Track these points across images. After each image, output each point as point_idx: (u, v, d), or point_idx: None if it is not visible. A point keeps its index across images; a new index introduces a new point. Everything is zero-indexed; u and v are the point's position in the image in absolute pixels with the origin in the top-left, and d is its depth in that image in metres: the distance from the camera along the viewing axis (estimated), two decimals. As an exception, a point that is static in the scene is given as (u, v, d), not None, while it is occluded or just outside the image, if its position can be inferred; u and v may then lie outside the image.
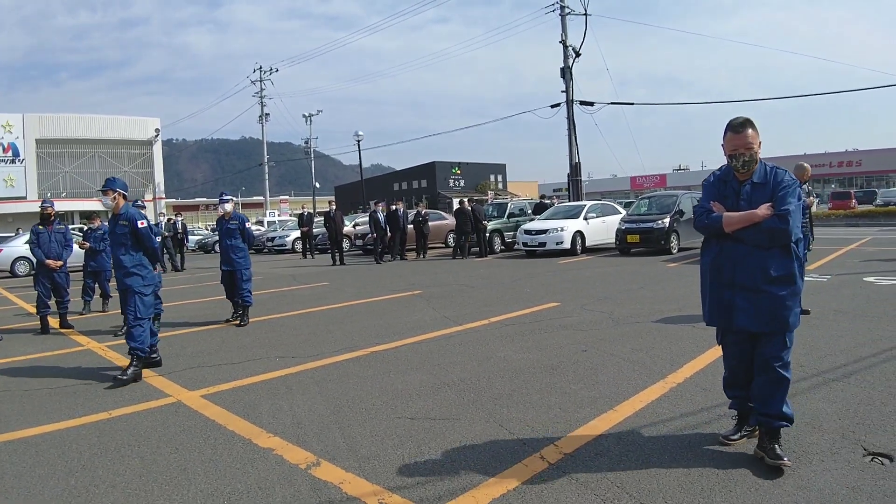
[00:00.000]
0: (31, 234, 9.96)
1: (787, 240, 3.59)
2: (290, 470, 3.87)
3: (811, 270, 12.31)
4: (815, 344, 6.41)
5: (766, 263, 3.62)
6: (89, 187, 60.09)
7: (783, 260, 3.63)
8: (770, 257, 3.62)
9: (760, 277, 3.62)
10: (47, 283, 9.76)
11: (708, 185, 3.97)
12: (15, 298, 14.77)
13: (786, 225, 3.55)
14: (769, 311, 3.62)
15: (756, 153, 3.67)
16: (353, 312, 10.13)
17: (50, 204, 10.25)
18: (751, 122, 3.68)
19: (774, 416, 3.68)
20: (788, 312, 3.64)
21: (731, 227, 3.67)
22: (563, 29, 28.74)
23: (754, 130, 3.66)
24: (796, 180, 3.70)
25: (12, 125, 55.97)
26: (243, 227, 9.81)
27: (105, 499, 3.57)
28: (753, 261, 3.65)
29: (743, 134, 3.64)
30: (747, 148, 3.64)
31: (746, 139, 3.63)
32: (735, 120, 3.71)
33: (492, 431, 4.38)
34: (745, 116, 3.70)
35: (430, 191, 60.44)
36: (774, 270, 3.61)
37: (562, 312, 9.08)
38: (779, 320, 3.63)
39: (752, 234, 3.63)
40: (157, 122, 64.80)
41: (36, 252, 9.75)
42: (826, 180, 61.63)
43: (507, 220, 22.95)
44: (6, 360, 7.56)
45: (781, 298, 3.61)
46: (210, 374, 6.41)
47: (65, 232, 10.08)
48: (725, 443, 3.93)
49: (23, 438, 4.68)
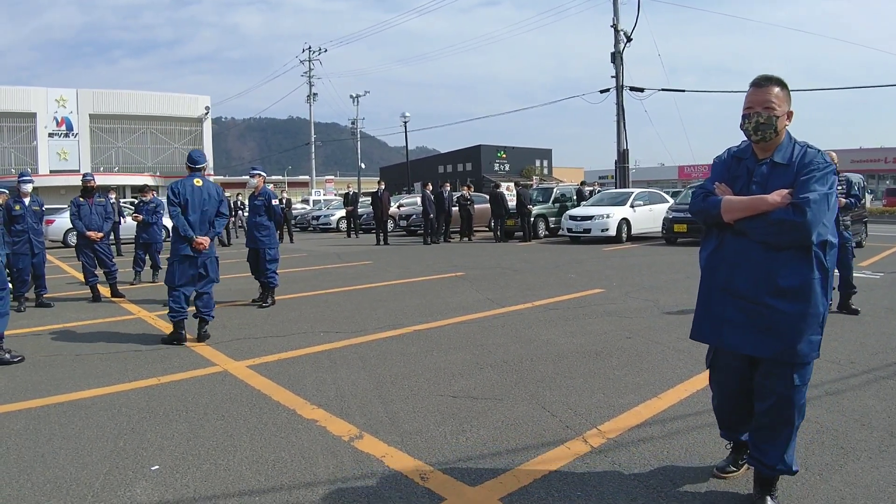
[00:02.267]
0: (71, 205, 10.10)
1: (804, 239, 2.72)
2: (334, 441, 3.91)
3: (864, 267, 11.97)
4: (866, 341, 6.26)
5: (774, 268, 2.81)
6: (141, 162, 61.55)
7: (798, 266, 2.78)
8: (780, 260, 2.80)
9: (764, 286, 2.83)
10: (90, 254, 9.98)
11: (718, 162, 3.14)
12: (67, 268, 15.20)
13: (802, 217, 2.68)
14: (772, 332, 2.83)
15: (776, 118, 2.84)
16: (397, 291, 10.17)
17: (91, 177, 10.45)
18: (779, 81, 2.91)
19: (769, 466, 2.96)
20: (798, 337, 2.80)
21: (732, 214, 2.87)
22: (614, 12, 28.23)
23: (783, 90, 2.88)
24: (831, 164, 2.83)
25: (66, 100, 57.53)
26: (269, 204, 9.17)
27: (153, 461, 3.65)
28: (757, 263, 2.85)
29: (765, 89, 2.87)
30: (766, 107, 2.83)
31: (767, 95, 2.85)
32: (760, 76, 2.95)
33: (535, 413, 4.35)
34: (776, 76, 2.94)
35: (474, 174, 60.26)
36: (784, 279, 2.79)
37: (606, 299, 8.98)
38: (784, 346, 2.82)
39: (759, 226, 2.80)
40: (208, 100, 65.90)
41: (77, 224, 9.95)
42: (881, 176, 59.65)
43: (551, 206, 22.77)
44: (59, 326, 7.80)
45: (789, 317, 2.79)
46: (256, 346, 6.51)
47: (105, 204, 10.25)
48: (720, 476, 3.29)
49: (73, 401, 4.81)
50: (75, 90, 58.67)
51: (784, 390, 2.87)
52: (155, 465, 3.60)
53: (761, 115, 2.84)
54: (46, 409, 4.61)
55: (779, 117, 2.85)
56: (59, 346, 6.72)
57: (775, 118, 2.84)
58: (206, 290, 6.89)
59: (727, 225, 2.92)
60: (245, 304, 9.15)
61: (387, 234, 21.37)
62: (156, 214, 12.33)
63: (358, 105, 53.24)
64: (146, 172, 59.13)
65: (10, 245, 8.79)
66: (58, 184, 52.39)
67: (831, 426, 3.96)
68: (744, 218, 2.85)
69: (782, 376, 2.87)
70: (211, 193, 6.95)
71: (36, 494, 3.25)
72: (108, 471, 3.52)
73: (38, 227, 9.48)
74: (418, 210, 26.24)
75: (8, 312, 6.14)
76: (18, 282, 8.94)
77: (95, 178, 10.79)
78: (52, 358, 6.17)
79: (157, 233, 12.34)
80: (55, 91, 58.06)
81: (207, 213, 6.88)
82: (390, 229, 23.77)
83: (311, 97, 54.01)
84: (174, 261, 6.80)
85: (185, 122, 64.32)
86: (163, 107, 62.55)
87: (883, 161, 59.40)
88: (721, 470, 3.30)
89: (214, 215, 6.95)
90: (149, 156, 63.17)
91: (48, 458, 3.72)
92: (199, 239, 6.69)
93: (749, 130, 2.90)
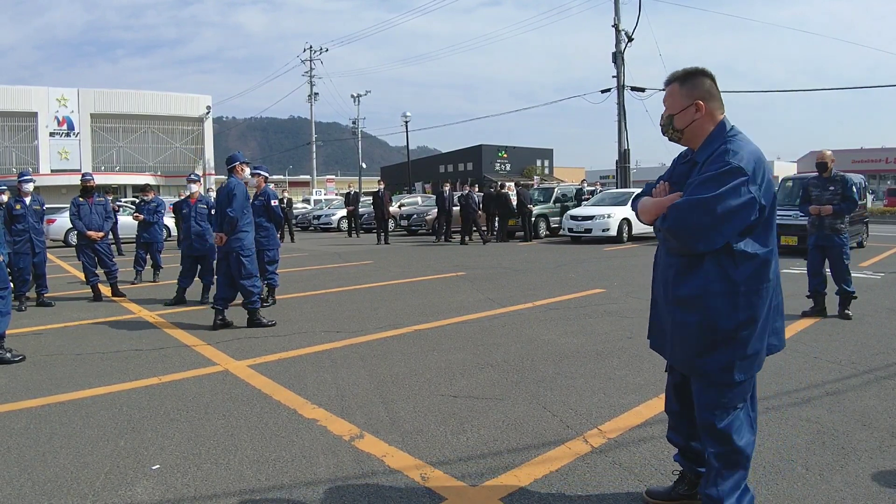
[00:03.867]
0: (71, 205, 10.06)
1: (681, 246, 2.57)
2: (334, 441, 3.91)
3: (864, 267, 11.98)
4: (866, 341, 6.26)
5: (671, 275, 2.67)
6: (142, 162, 61.56)
7: (691, 274, 2.58)
8: (676, 267, 2.64)
9: (666, 292, 2.71)
10: (90, 253, 9.95)
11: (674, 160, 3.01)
12: (68, 267, 15.20)
13: (665, 223, 2.58)
14: (676, 341, 2.68)
15: (672, 117, 2.72)
16: (397, 291, 10.17)
17: (90, 177, 10.43)
18: (683, 75, 2.71)
19: (706, 498, 2.69)
20: (696, 350, 2.59)
21: (645, 216, 2.77)
22: (615, 12, 28.18)
23: (682, 85, 2.70)
24: (735, 166, 2.45)
25: (67, 99, 57.55)
26: (268, 205, 9.03)
27: (154, 460, 3.65)
28: (663, 268, 2.74)
29: (667, 89, 2.76)
30: (665, 108, 2.75)
31: (666, 96, 2.75)
32: (670, 73, 2.78)
33: (535, 413, 4.35)
34: (686, 69, 2.73)
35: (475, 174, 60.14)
36: (678, 287, 2.63)
37: (607, 299, 8.98)
38: (684, 356, 2.66)
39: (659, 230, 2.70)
40: (209, 100, 65.89)
41: (77, 224, 9.92)
42: (882, 176, 59.58)
43: (552, 206, 22.75)
44: (60, 325, 7.80)
45: (685, 328, 2.61)
46: (256, 345, 6.51)
47: (105, 204, 10.23)
48: (646, 500, 3.05)
49: (74, 400, 4.82)
50: (76, 89, 58.68)
51: (705, 407, 2.65)
52: (156, 464, 3.60)
53: (662, 116, 2.76)
54: (47, 409, 4.62)
55: (674, 115, 2.71)
56: (60, 345, 6.73)
57: (670, 118, 2.72)
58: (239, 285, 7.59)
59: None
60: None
61: (387, 233, 21.40)
62: (156, 214, 12.33)
63: (359, 105, 53.20)
64: (147, 172, 59.13)
65: (11, 244, 8.79)
66: (59, 183, 52.38)
67: (831, 426, 3.97)
68: (654, 220, 2.71)
69: (698, 392, 2.68)
70: (222, 194, 7.68)
71: (37, 494, 3.25)
72: (109, 470, 3.52)
73: (39, 226, 9.49)
74: (419, 210, 26.29)
75: (9, 312, 6.15)
76: (19, 281, 8.95)
77: (95, 178, 10.78)
78: (52, 357, 6.17)
79: (158, 232, 12.33)
80: (56, 90, 58.06)
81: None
82: (391, 229, 23.78)
83: (312, 97, 53.96)
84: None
85: (186, 122, 64.27)
86: (164, 106, 62.52)
87: (884, 161, 59.35)
88: (652, 495, 3.07)
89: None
90: (150, 155, 63.15)
91: (49, 457, 3.72)
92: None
93: (662, 132, 2.81)
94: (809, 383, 4.88)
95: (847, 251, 7.50)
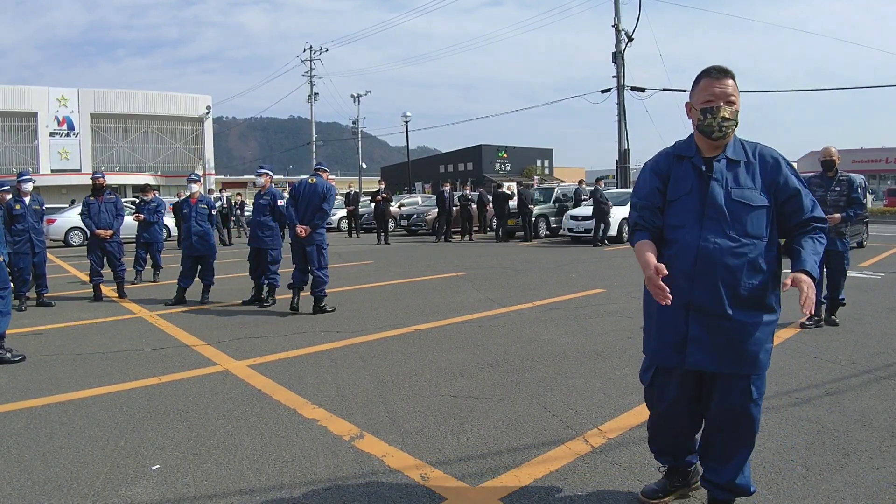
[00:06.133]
0: (82, 205, 10.15)
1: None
2: (334, 441, 3.91)
3: (864, 267, 11.98)
4: (866, 341, 6.26)
5: (743, 267, 2.68)
6: (142, 162, 61.58)
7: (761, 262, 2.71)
8: (749, 257, 2.68)
9: (729, 289, 2.68)
10: (100, 253, 9.97)
11: (654, 166, 2.90)
12: (68, 267, 15.21)
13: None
14: (739, 341, 2.70)
15: (738, 112, 2.70)
16: (397, 291, 10.17)
17: (101, 175, 10.45)
18: (732, 72, 2.72)
19: (726, 488, 2.82)
20: (760, 348, 2.72)
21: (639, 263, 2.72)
22: (615, 12, 28.19)
23: (735, 81, 2.72)
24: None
25: (67, 99, 57.63)
26: (274, 204, 9.11)
27: (154, 460, 3.65)
28: (720, 263, 2.68)
29: (725, 82, 2.68)
30: (728, 101, 2.66)
31: (728, 89, 2.68)
32: (716, 66, 2.73)
33: (535, 413, 4.35)
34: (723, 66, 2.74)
35: (475, 174, 60.16)
36: (752, 278, 2.68)
37: (608, 298, 8.98)
38: (748, 358, 2.70)
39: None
40: (209, 100, 65.94)
41: (87, 222, 9.97)
42: (882, 176, 59.57)
43: (552, 205, 22.74)
44: (60, 325, 7.80)
45: (760, 324, 2.70)
46: (256, 345, 6.51)
47: (115, 202, 10.25)
48: (645, 501, 3.04)
49: (74, 400, 4.82)
50: (76, 89, 58.74)
51: (744, 409, 2.74)
52: (156, 464, 3.60)
53: (725, 109, 2.64)
54: (47, 409, 4.62)
55: (738, 111, 2.69)
56: (60, 345, 6.73)
57: (737, 112, 2.68)
58: (312, 273, 8.31)
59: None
60: (246, 303, 9.15)
61: (388, 233, 21.41)
62: (157, 214, 12.33)
63: (359, 105, 53.20)
64: (147, 172, 59.17)
65: (11, 244, 8.79)
66: (59, 183, 52.41)
67: (832, 426, 3.97)
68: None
69: (741, 390, 2.73)
70: (316, 191, 8.38)
71: (37, 493, 3.25)
72: (109, 470, 3.52)
73: (39, 226, 9.48)
74: (419, 210, 26.28)
75: (9, 312, 6.14)
76: (19, 281, 8.94)
77: (105, 176, 10.78)
78: (52, 357, 6.17)
79: (158, 232, 12.33)
80: (56, 90, 58.13)
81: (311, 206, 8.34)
82: (391, 229, 23.80)
83: (312, 97, 53.90)
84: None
85: (186, 122, 64.32)
86: (164, 106, 62.56)
87: (884, 161, 59.33)
88: (648, 494, 3.05)
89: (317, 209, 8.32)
90: (150, 155, 63.19)
91: (49, 457, 3.72)
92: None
93: (713, 127, 2.66)
94: (809, 383, 4.88)
95: (848, 256, 7.12)
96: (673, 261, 2.69)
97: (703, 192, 2.69)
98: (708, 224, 2.66)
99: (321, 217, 8.31)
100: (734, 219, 2.64)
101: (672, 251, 2.74)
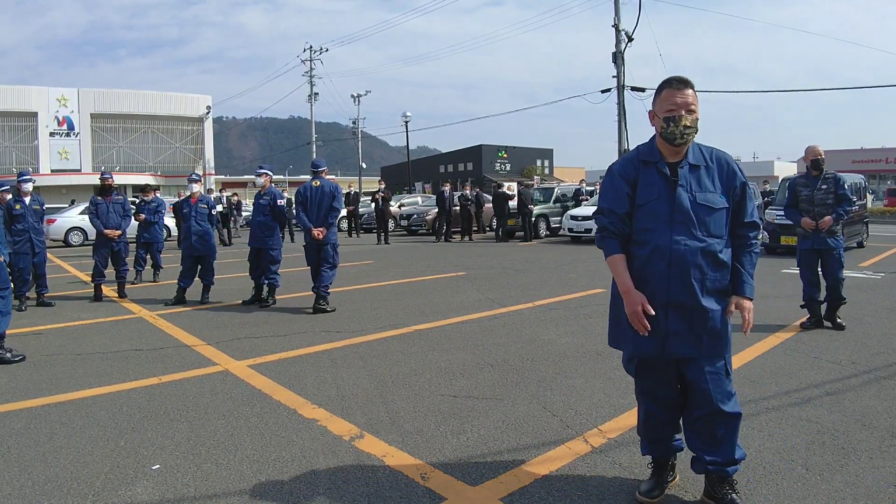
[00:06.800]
0: (90, 204, 10.15)
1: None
2: (334, 441, 3.91)
3: (864, 267, 11.98)
4: (866, 341, 6.25)
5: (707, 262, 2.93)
6: (142, 162, 61.55)
7: (723, 255, 2.99)
8: (715, 252, 2.92)
9: (699, 283, 2.90)
10: (105, 253, 9.97)
11: (620, 170, 3.03)
12: (69, 267, 15.21)
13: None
14: (712, 326, 2.95)
15: (697, 120, 2.85)
16: (397, 291, 10.18)
17: (109, 175, 10.46)
18: (691, 82, 2.89)
19: (727, 463, 2.97)
20: (726, 331, 3.02)
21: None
22: (616, 12, 28.16)
23: (695, 92, 2.88)
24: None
25: (67, 99, 57.56)
26: (274, 204, 9.13)
27: (154, 460, 3.65)
28: (690, 260, 2.90)
29: (685, 91, 2.84)
30: (689, 110, 2.82)
31: (689, 98, 2.83)
32: (676, 77, 2.89)
33: (535, 413, 4.36)
34: (683, 76, 2.90)
35: (475, 174, 60.08)
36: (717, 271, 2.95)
37: (607, 298, 8.95)
38: (720, 343, 2.97)
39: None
40: (209, 100, 65.85)
41: (95, 222, 9.98)
42: (882, 176, 59.58)
43: (552, 205, 22.75)
44: (60, 325, 7.80)
45: (721, 312, 2.98)
46: (256, 346, 6.51)
47: (123, 202, 10.27)
48: (644, 501, 3.08)
49: (74, 400, 4.82)
50: (76, 89, 58.66)
51: (721, 386, 2.96)
52: (156, 464, 3.60)
53: (686, 118, 2.81)
54: (47, 409, 4.62)
55: (698, 119, 2.86)
56: (60, 345, 6.73)
57: (697, 120, 2.85)
58: (323, 271, 8.49)
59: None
60: (246, 303, 9.15)
61: (388, 233, 21.43)
62: (157, 214, 12.34)
63: (359, 105, 53.17)
64: (147, 172, 59.08)
65: (11, 244, 8.78)
66: (59, 183, 52.34)
67: (831, 426, 3.97)
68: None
69: (713, 374, 2.96)
70: (324, 192, 8.51)
71: (37, 493, 3.25)
72: (109, 470, 3.52)
73: (39, 226, 9.48)
74: (419, 210, 26.29)
75: (10, 312, 6.15)
76: (19, 281, 8.94)
77: (97, 178, 10.79)
78: (52, 357, 6.17)
79: (159, 232, 12.35)
80: (56, 90, 58.05)
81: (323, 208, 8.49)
82: (391, 229, 23.81)
83: (312, 97, 53.85)
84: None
85: (186, 122, 64.22)
86: (164, 106, 62.48)
87: (884, 161, 59.33)
88: (646, 494, 3.09)
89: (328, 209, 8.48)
90: (150, 155, 63.11)
91: (49, 456, 3.72)
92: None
93: (676, 134, 2.82)
94: (809, 383, 4.88)
95: (842, 253, 6.98)
96: (647, 262, 2.91)
97: (671, 198, 2.88)
98: (677, 227, 2.86)
99: (334, 216, 8.55)
100: (699, 220, 2.86)
101: (645, 252, 2.92)
